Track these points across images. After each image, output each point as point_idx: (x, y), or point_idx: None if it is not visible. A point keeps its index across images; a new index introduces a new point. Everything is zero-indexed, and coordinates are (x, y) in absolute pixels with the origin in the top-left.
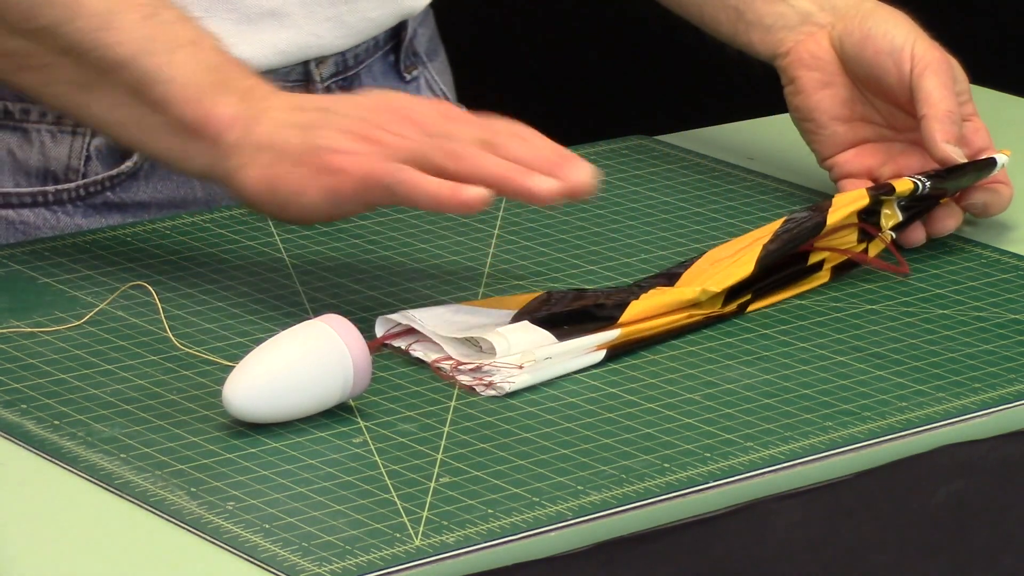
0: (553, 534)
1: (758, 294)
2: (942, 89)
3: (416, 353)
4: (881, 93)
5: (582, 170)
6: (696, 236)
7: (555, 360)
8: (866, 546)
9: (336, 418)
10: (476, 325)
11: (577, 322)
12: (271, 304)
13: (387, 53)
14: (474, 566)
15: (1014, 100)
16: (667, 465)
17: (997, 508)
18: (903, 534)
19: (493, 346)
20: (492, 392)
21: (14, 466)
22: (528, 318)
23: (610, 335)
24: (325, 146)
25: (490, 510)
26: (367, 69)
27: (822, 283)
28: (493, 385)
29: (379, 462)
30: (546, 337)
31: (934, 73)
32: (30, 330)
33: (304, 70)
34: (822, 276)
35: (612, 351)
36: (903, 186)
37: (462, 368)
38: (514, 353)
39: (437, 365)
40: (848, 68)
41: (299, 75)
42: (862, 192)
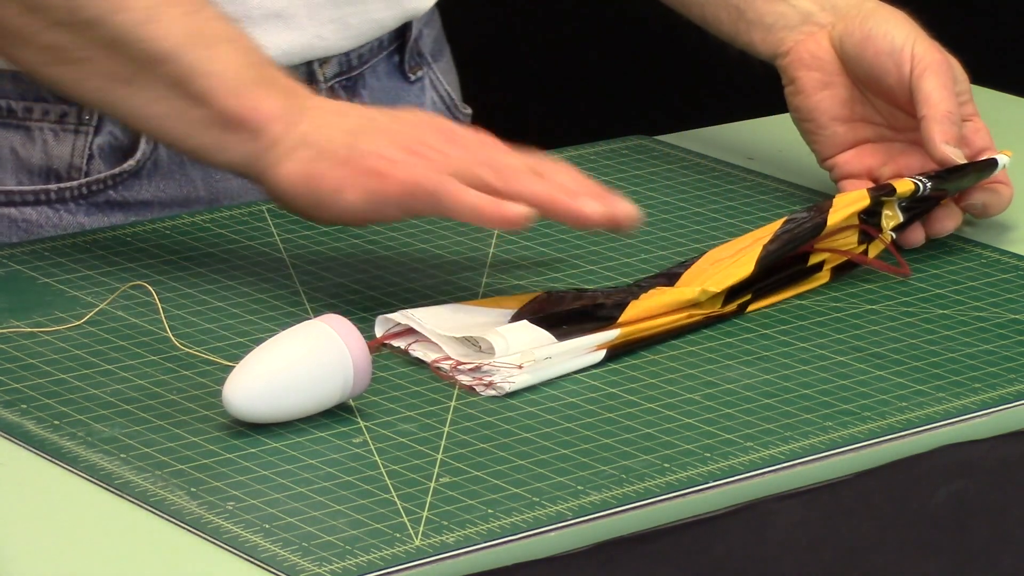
0: (553, 534)
1: (758, 294)
2: (942, 90)
3: (416, 353)
4: (881, 93)
5: (626, 204)
6: (696, 236)
7: (555, 360)
8: (866, 546)
9: (336, 418)
10: (475, 324)
11: (576, 322)
12: (271, 304)
13: (391, 54)
14: (474, 566)
15: (1014, 100)
16: (667, 465)
17: (997, 508)
18: (903, 534)
19: (492, 346)
20: (492, 392)
21: (14, 466)
22: (527, 318)
23: (610, 335)
24: (370, 150)
25: (490, 510)
26: (371, 70)
27: (822, 283)
28: (493, 385)
29: (379, 462)
30: (545, 337)
31: (934, 74)
32: (30, 330)
33: (307, 70)
34: (822, 276)
35: (612, 351)
36: (904, 187)
37: (462, 368)
38: (513, 353)
39: (436, 365)
40: (848, 68)
41: (302, 75)
42: (863, 193)
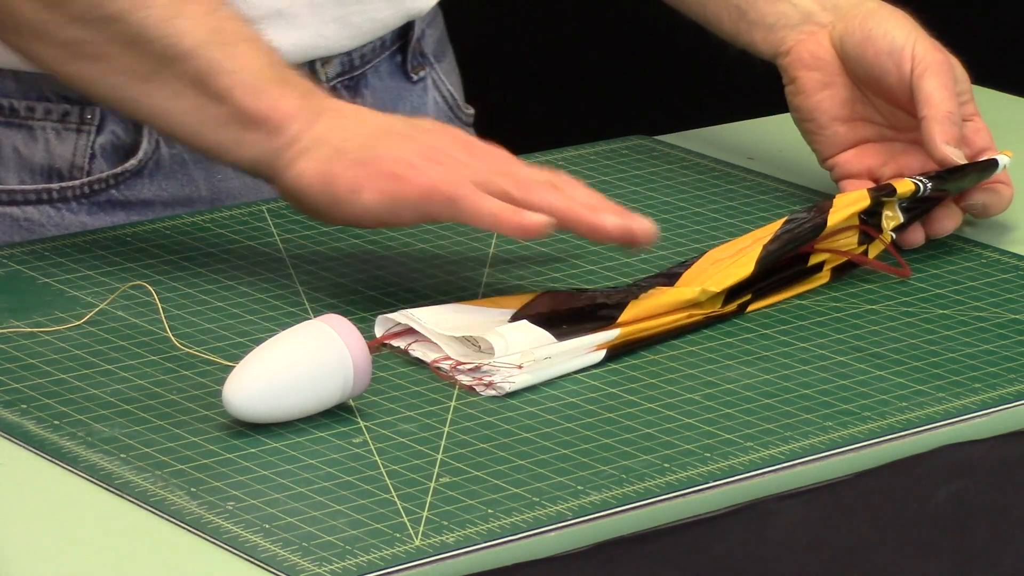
0: (553, 534)
1: (758, 294)
2: (942, 90)
3: (415, 353)
4: (882, 93)
5: (644, 220)
6: (696, 236)
7: (555, 360)
8: (866, 546)
9: (336, 418)
10: (475, 324)
11: (576, 322)
12: (271, 304)
13: (394, 54)
14: (474, 566)
15: (1014, 100)
16: (667, 465)
17: (997, 508)
18: (903, 534)
19: (492, 346)
20: (492, 392)
21: (14, 466)
22: (527, 317)
23: (610, 335)
24: (389, 154)
25: (490, 510)
26: (373, 69)
27: (822, 283)
28: (493, 385)
29: (379, 462)
30: (545, 337)
31: (934, 74)
32: (30, 330)
33: (309, 70)
34: (822, 277)
35: (612, 351)
36: (904, 187)
37: (461, 368)
38: (512, 353)
39: (436, 365)
40: (849, 68)
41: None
42: (863, 193)
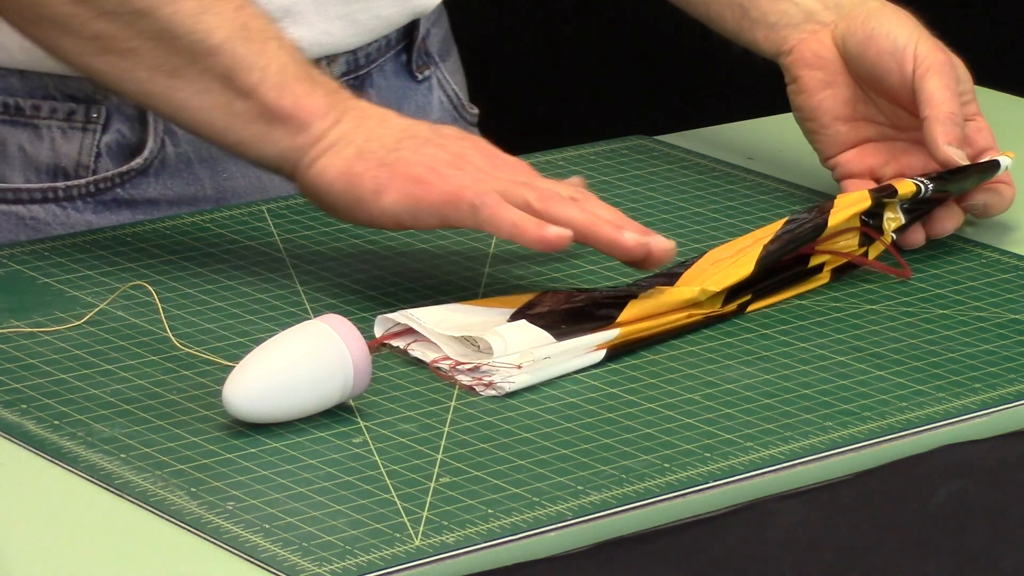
0: (553, 534)
1: (758, 294)
2: (944, 91)
3: (414, 353)
4: (883, 93)
5: (663, 240)
6: (696, 236)
7: (554, 360)
8: (866, 546)
9: (336, 418)
10: (474, 324)
11: (575, 322)
12: (271, 304)
13: (399, 53)
14: (474, 566)
15: (1015, 100)
16: (667, 465)
17: (997, 508)
18: (903, 534)
19: (490, 345)
20: (492, 392)
21: (14, 466)
22: (526, 317)
23: (609, 335)
24: (414, 157)
25: (490, 510)
26: (378, 69)
27: (822, 284)
28: (493, 385)
29: (379, 462)
30: (544, 337)
31: (936, 74)
32: (30, 330)
33: None
34: (822, 277)
35: (612, 351)
36: (905, 188)
37: (461, 368)
38: (511, 352)
39: (436, 365)
40: (851, 67)
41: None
42: (864, 194)
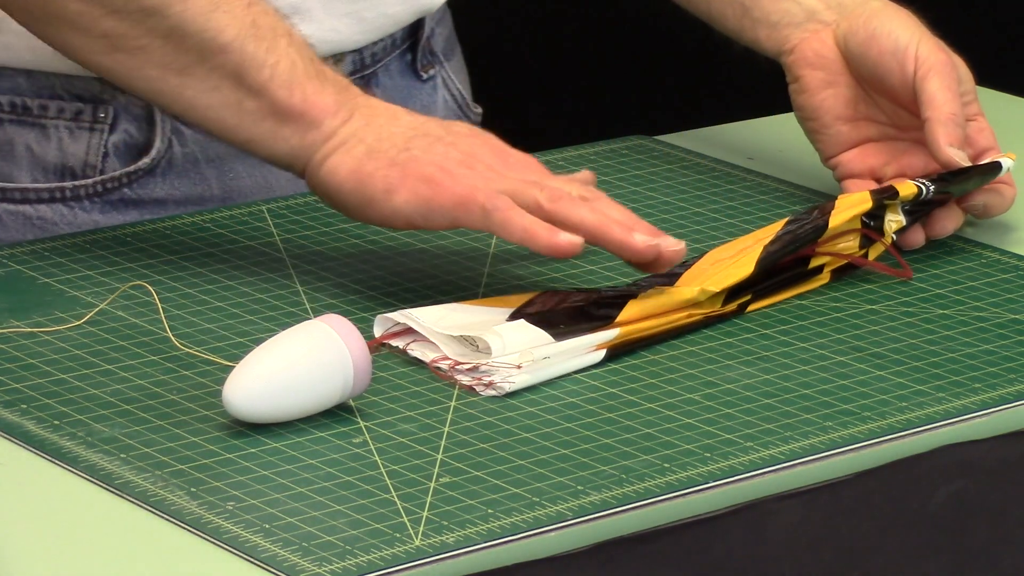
0: (553, 534)
1: (758, 295)
2: (946, 92)
3: (414, 352)
4: (885, 93)
5: (672, 241)
6: (696, 236)
7: (554, 360)
8: (866, 546)
9: (336, 418)
10: (473, 323)
11: (574, 321)
12: (271, 304)
13: (404, 52)
14: (474, 566)
15: (1015, 100)
16: (667, 465)
17: (997, 508)
18: (903, 534)
19: (489, 345)
20: (492, 392)
21: (14, 466)
22: (525, 317)
23: (608, 335)
24: (425, 157)
25: (490, 510)
26: (384, 68)
27: (822, 284)
28: (493, 385)
29: (379, 462)
30: (542, 336)
31: (938, 75)
32: (30, 330)
33: None
34: (822, 278)
35: (612, 351)
36: (907, 190)
37: (460, 368)
38: (510, 352)
39: (435, 365)
40: (852, 67)
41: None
42: (865, 195)
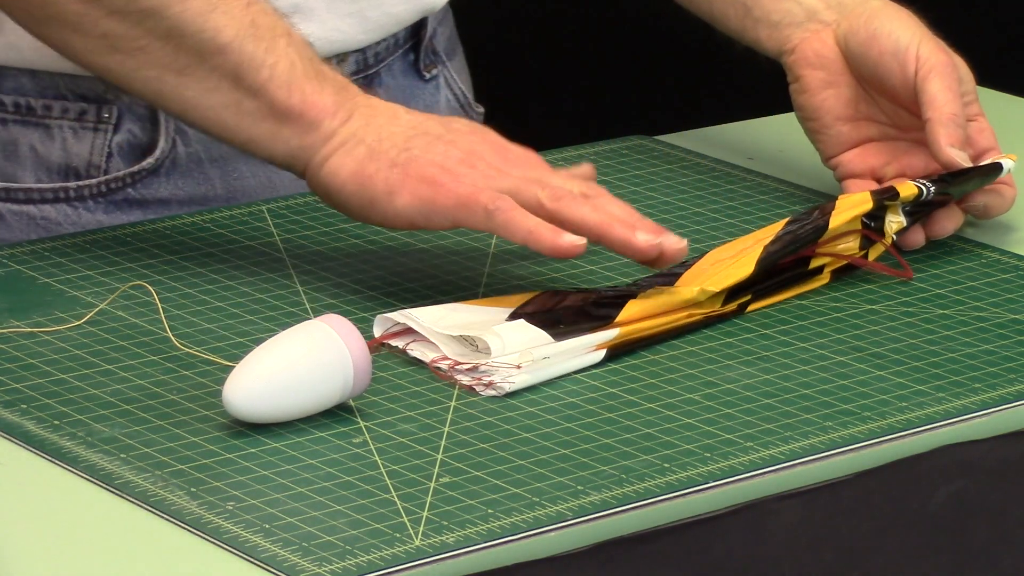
0: (553, 534)
1: (758, 295)
2: (947, 92)
3: (414, 352)
4: (885, 93)
5: (675, 238)
6: (696, 236)
7: (554, 360)
8: (866, 546)
9: (336, 418)
10: (472, 323)
11: (574, 321)
12: (271, 304)
13: (407, 52)
14: (474, 566)
15: (1015, 100)
16: (667, 465)
17: (997, 508)
18: (903, 534)
19: (488, 345)
20: (492, 392)
21: (14, 466)
22: (524, 317)
23: (608, 335)
24: (426, 157)
25: (490, 510)
26: (387, 68)
27: (822, 284)
28: (493, 385)
29: (379, 462)
30: (542, 336)
31: (939, 76)
32: (30, 330)
33: None
34: (822, 278)
35: (612, 351)
36: (907, 191)
37: (460, 368)
38: (509, 352)
39: (435, 365)
40: (853, 67)
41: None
42: (866, 195)
